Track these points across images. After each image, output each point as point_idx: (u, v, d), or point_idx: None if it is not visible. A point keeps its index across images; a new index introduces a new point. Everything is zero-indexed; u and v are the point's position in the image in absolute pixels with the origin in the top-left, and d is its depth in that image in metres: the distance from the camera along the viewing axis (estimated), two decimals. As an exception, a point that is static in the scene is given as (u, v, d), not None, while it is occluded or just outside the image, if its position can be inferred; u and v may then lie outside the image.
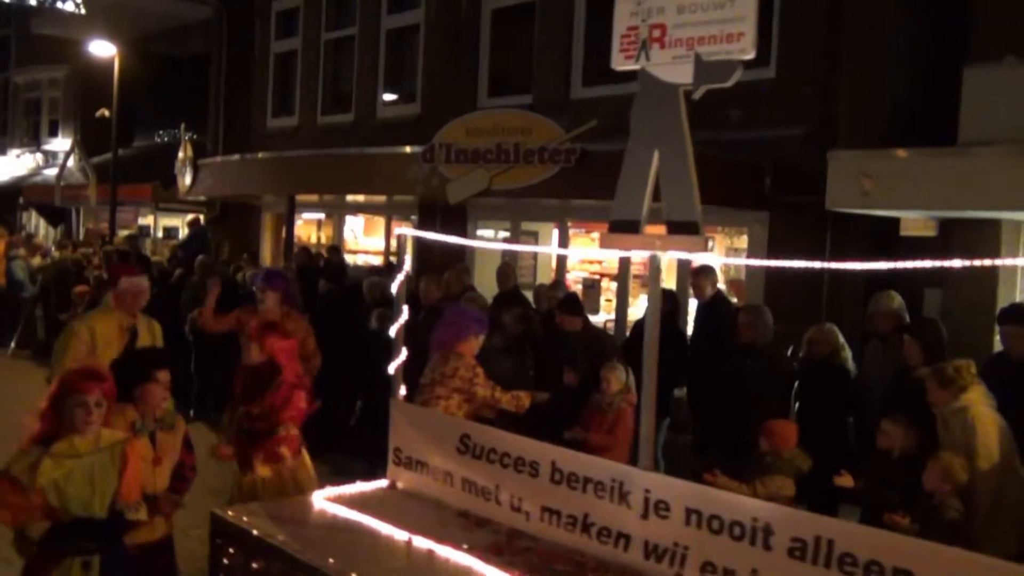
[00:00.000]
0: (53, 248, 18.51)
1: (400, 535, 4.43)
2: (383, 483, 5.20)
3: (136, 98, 21.79)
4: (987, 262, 3.81)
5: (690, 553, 3.84)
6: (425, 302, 8.94)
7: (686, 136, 4.11)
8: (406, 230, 5.66)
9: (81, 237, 20.88)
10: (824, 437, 6.26)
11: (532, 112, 11.41)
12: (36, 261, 16.85)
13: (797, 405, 7.21)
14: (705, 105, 4.22)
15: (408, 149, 12.07)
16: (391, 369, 5.26)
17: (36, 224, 26.90)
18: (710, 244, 10.87)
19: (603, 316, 11.67)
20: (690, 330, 8.64)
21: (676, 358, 7.85)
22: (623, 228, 4.26)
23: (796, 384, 7.22)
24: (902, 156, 7.98)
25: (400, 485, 5.11)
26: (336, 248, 13.60)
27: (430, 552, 4.26)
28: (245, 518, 4.59)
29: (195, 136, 18.56)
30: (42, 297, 15.31)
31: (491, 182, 10.92)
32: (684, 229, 4.08)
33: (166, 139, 22.59)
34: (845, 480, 5.63)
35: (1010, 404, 5.43)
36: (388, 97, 15.49)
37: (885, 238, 9.09)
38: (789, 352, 7.68)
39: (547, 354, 7.87)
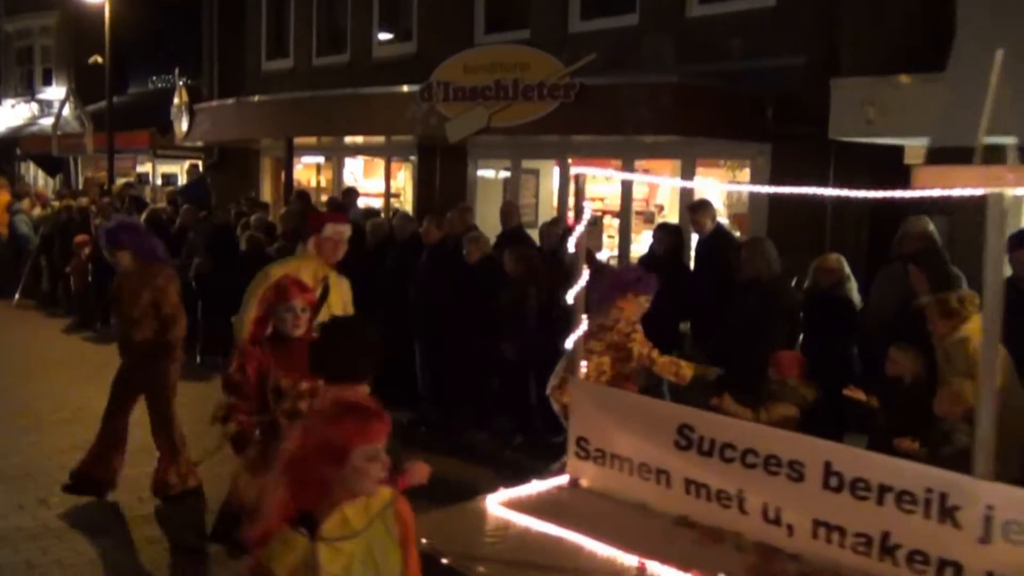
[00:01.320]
0: (52, 198, 18.45)
1: (627, 559, 3.57)
2: (561, 480, 4.38)
3: (129, 44, 21.47)
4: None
5: None
6: (427, 242, 8.91)
7: None
8: (583, 168, 4.74)
9: (80, 187, 20.78)
10: (829, 367, 6.27)
11: (530, 47, 11.25)
12: (36, 212, 16.83)
13: (802, 336, 7.22)
14: (705, 36, 4.03)
15: (405, 88, 11.94)
16: (569, 344, 4.52)
17: (34, 175, 26.77)
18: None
19: (606, 253, 11.64)
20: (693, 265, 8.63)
21: (681, 293, 7.87)
22: (952, 158, 3.22)
23: (801, 315, 7.22)
24: (906, 83, 7.86)
25: (585, 483, 4.28)
26: (352, 191, 13.33)
27: None
28: (424, 540, 3.53)
29: (190, 81, 18.35)
30: (44, 248, 15.31)
31: (490, 119, 10.82)
32: None
33: (160, 85, 22.37)
34: (856, 392, 5.65)
35: (1018, 330, 5.41)
36: (383, 36, 15.26)
37: (889, 167, 9.00)
38: (794, 283, 7.66)
39: (551, 292, 7.89)
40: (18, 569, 5.59)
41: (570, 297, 4.51)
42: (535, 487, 4.31)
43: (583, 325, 4.49)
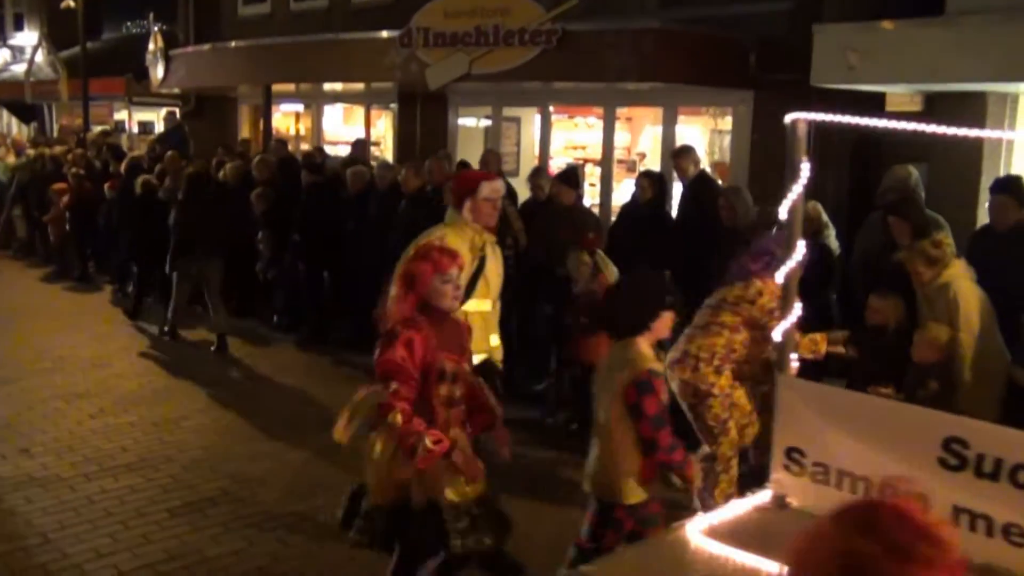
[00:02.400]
0: (28, 146, 18.18)
1: None
2: (763, 498, 3.51)
3: (102, -13, 21.08)
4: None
5: None
6: (406, 190, 8.86)
7: None
8: (802, 114, 3.78)
9: (55, 134, 20.49)
10: (807, 315, 6.30)
11: (511, -8, 11.11)
12: (11, 160, 16.60)
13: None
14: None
15: (385, 34, 11.79)
16: (777, 335, 3.73)
17: (8, 123, 26.34)
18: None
19: (587, 201, 11.61)
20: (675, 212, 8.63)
21: (663, 240, 7.88)
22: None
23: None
24: (888, 28, 7.82)
25: (795, 503, 3.46)
26: (362, 142, 13.04)
27: None
28: None
29: (165, 26, 18.03)
30: (20, 197, 15.12)
31: (471, 66, 10.71)
32: None
33: (135, 30, 21.97)
34: (834, 347, 5.69)
35: (994, 275, 5.48)
36: (362, -20, 15.02)
37: (870, 114, 9.00)
38: (774, 231, 7.67)
39: (531, 237, 7.91)
40: (2, 517, 5.62)
41: (781, 274, 3.74)
42: (734, 509, 3.48)
43: (796, 310, 3.66)
